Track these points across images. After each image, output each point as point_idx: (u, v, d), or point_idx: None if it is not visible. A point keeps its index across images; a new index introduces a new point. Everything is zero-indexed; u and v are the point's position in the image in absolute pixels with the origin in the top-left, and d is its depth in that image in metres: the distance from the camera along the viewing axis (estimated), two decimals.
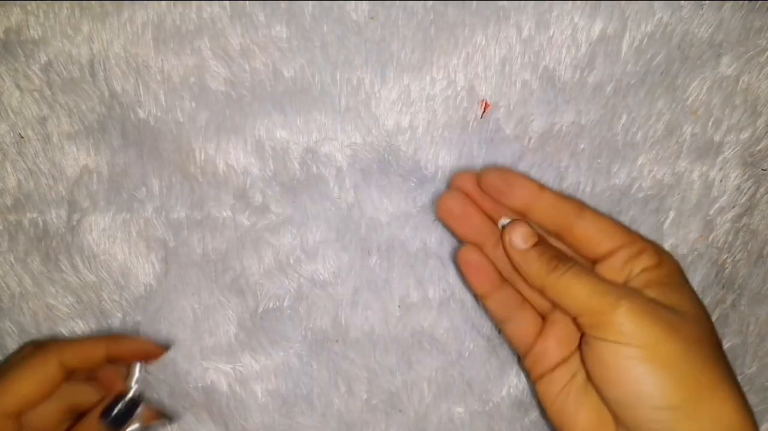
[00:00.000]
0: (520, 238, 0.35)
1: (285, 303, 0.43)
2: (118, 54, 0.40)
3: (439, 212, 0.38)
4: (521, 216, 0.36)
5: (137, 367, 0.35)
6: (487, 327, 0.43)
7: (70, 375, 0.34)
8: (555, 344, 0.37)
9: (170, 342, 0.37)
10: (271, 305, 0.43)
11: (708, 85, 0.40)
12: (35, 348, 0.36)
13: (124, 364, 0.36)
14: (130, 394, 0.34)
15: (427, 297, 0.43)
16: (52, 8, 0.40)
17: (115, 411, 0.34)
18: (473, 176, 0.37)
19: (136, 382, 0.34)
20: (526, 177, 0.36)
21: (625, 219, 0.42)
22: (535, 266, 0.34)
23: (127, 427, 0.34)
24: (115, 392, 0.35)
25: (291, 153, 0.42)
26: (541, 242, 0.35)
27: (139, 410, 0.34)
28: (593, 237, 0.34)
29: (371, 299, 0.43)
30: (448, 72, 0.40)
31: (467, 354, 0.43)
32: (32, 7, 0.40)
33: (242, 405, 0.44)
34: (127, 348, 0.36)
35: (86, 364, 0.34)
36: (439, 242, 0.42)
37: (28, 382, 0.32)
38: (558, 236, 0.36)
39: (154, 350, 0.37)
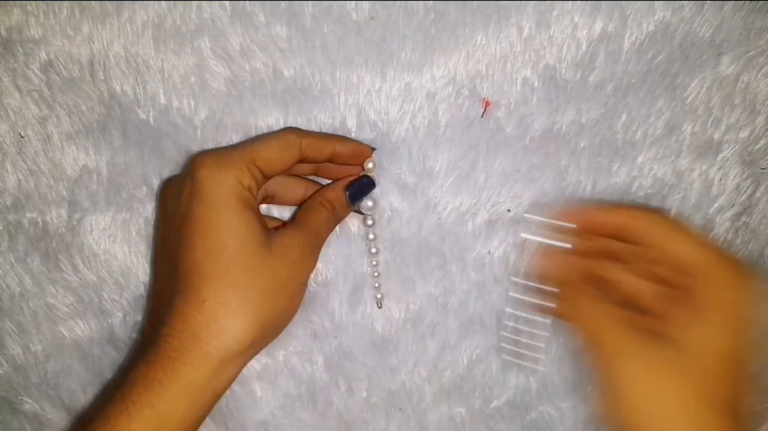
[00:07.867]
0: None
1: None
2: (118, 54, 0.40)
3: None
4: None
5: (373, 158, 0.41)
6: (490, 327, 0.43)
7: (302, 158, 0.39)
8: None
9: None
10: None
11: (708, 85, 0.41)
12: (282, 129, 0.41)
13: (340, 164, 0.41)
14: (370, 174, 0.41)
15: (431, 294, 0.43)
16: (52, 8, 0.40)
17: (357, 185, 0.40)
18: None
19: (371, 170, 0.41)
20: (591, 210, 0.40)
21: None
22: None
23: (361, 202, 0.41)
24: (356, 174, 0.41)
25: None
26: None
27: (373, 191, 0.41)
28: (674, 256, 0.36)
29: (372, 297, 0.43)
30: (449, 71, 0.40)
31: (470, 353, 0.43)
32: (32, 8, 0.40)
33: (242, 405, 0.44)
34: (349, 149, 0.40)
35: (316, 154, 0.39)
36: (440, 239, 0.42)
37: (274, 147, 0.37)
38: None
39: (366, 151, 0.41)
